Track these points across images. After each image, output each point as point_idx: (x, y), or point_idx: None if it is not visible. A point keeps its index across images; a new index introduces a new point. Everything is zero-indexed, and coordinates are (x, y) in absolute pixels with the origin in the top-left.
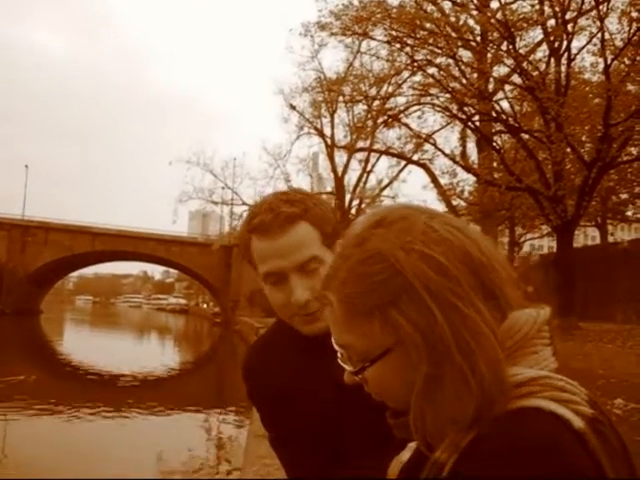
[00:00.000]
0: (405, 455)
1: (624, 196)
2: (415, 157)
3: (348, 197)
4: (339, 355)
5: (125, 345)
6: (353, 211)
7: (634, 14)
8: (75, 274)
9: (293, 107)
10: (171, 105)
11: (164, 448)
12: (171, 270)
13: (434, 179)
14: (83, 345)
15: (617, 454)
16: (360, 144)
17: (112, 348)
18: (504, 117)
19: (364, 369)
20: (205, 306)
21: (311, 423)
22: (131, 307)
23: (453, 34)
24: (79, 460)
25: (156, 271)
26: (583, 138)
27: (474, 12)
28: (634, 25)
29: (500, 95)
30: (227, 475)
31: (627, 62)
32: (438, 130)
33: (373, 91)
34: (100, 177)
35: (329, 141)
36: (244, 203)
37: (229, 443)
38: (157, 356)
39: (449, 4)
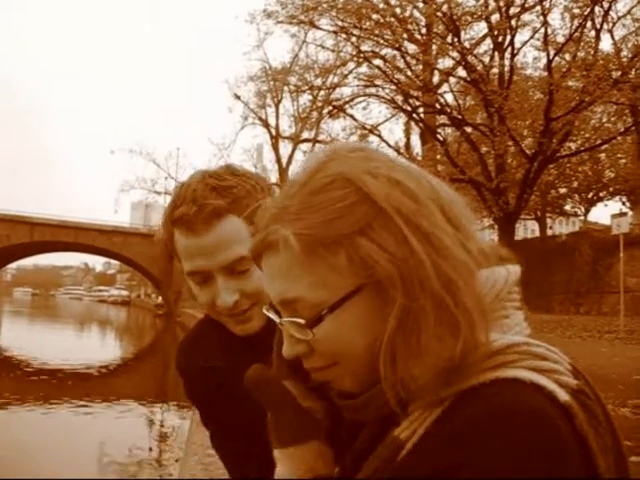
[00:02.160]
0: None
1: (563, 190)
2: None
3: None
4: (280, 318)
5: (65, 338)
6: None
7: (576, 10)
8: (13, 265)
9: (238, 97)
10: (113, 94)
11: (106, 441)
12: (113, 261)
13: None
14: (21, 338)
15: (603, 429)
16: (305, 135)
17: (52, 341)
18: (448, 110)
19: (321, 319)
20: (148, 298)
21: (249, 419)
22: (72, 299)
23: (399, 26)
24: (20, 455)
25: (97, 263)
26: (525, 132)
27: (420, 4)
28: (575, 21)
29: (445, 88)
30: (175, 462)
31: (568, 58)
32: (383, 122)
33: (319, 81)
34: (39, 166)
35: (274, 131)
36: None
37: (172, 434)
38: (98, 349)
39: None
